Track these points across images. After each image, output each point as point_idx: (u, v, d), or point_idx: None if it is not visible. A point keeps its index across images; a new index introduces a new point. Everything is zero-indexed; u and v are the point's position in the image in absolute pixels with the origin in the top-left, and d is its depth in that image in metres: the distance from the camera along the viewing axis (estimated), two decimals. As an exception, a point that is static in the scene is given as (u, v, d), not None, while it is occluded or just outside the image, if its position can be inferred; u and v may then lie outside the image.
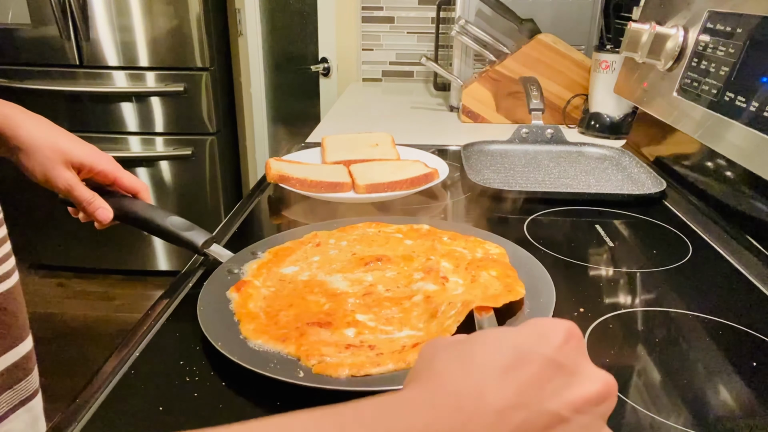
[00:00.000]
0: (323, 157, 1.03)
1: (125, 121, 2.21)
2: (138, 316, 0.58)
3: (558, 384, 0.28)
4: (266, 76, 2.43)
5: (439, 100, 1.75)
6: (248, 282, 0.59)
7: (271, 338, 0.50)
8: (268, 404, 0.45)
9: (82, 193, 0.61)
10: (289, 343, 0.49)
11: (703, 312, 0.59)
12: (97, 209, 0.62)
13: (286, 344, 0.49)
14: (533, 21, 1.44)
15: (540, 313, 0.54)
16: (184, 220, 0.65)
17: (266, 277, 0.61)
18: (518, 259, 0.65)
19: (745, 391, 0.48)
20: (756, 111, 0.72)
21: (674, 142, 1.02)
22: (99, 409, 0.45)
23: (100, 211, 0.62)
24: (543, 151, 1.10)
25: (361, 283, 0.59)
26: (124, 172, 0.66)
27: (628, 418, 0.45)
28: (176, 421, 0.44)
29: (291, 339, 0.50)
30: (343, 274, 0.61)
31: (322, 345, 0.49)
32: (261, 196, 0.92)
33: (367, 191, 0.87)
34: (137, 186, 0.66)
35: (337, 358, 0.47)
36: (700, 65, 0.87)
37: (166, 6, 2.07)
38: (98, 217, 0.62)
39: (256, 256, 0.65)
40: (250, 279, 0.60)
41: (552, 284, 0.58)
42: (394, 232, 0.71)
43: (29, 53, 2.13)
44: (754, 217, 0.77)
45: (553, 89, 1.39)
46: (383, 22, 2.11)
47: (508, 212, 0.87)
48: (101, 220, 0.62)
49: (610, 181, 0.97)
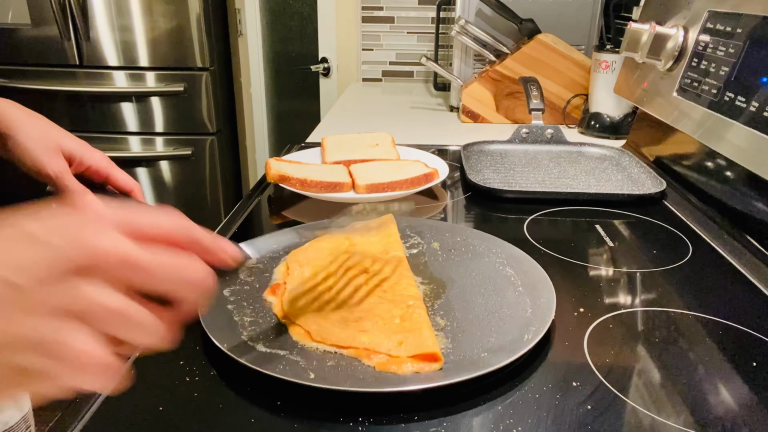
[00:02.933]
0: (323, 157, 1.03)
1: (125, 121, 2.21)
2: (138, 316, 0.58)
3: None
4: (266, 76, 2.43)
5: (439, 100, 1.75)
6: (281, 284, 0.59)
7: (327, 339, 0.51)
8: (269, 404, 0.45)
9: (72, 183, 0.60)
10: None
11: (703, 312, 0.59)
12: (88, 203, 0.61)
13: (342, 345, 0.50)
14: (533, 21, 1.44)
15: (541, 314, 0.54)
16: None
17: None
18: (516, 260, 0.65)
19: (745, 391, 0.48)
20: (756, 111, 0.72)
21: (674, 142, 1.02)
22: (99, 408, 0.45)
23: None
24: (543, 151, 1.10)
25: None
26: (118, 169, 0.65)
27: (628, 418, 0.45)
28: (176, 421, 0.44)
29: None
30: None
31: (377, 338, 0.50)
32: (261, 196, 0.92)
33: (367, 191, 0.87)
34: (130, 184, 0.65)
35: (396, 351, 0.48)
36: (700, 65, 0.87)
37: (166, 6, 2.07)
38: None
39: (252, 257, 0.65)
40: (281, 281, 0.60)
41: (551, 284, 0.58)
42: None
43: (29, 53, 2.13)
44: (754, 217, 0.77)
45: (553, 89, 1.39)
46: (383, 22, 2.11)
47: (507, 212, 0.87)
48: None
49: (610, 181, 0.97)
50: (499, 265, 0.65)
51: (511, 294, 0.59)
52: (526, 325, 0.53)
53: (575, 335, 0.55)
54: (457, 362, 0.48)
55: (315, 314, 0.54)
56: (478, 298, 0.59)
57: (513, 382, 0.48)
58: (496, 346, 0.50)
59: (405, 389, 0.45)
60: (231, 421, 0.44)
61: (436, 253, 0.68)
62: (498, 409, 0.45)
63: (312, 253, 0.65)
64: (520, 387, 0.48)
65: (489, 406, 0.46)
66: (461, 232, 0.73)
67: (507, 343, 0.50)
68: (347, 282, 0.59)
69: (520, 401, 0.46)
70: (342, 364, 0.48)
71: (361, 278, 0.60)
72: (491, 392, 0.47)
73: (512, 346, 0.50)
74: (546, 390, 0.47)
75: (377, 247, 0.67)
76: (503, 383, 0.48)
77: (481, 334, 0.53)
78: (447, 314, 0.56)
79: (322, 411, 0.45)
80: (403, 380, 0.46)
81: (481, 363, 0.47)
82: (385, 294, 0.57)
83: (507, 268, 0.64)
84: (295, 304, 0.56)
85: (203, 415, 0.44)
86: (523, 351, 0.48)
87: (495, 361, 0.47)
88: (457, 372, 0.46)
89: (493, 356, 0.48)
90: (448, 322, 0.55)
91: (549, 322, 0.52)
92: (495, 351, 0.49)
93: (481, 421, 0.44)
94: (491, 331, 0.53)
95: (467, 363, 0.48)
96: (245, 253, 0.40)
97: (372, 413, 0.44)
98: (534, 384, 0.48)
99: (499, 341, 0.51)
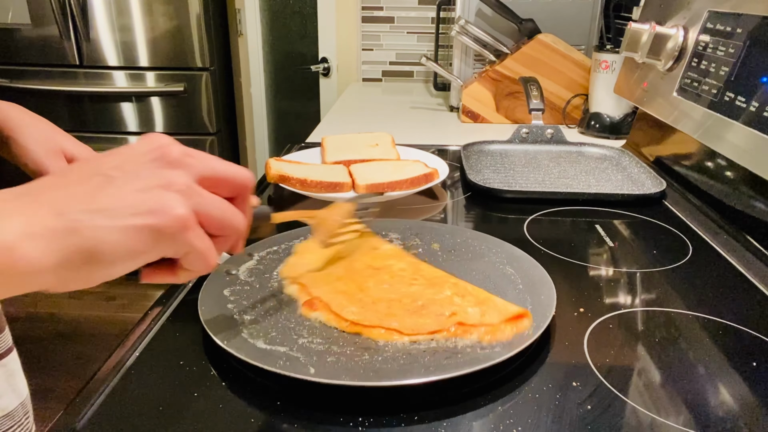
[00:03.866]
0: (323, 157, 1.03)
1: (125, 121, 2.21)
2: (138, 316, 0.58)
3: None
4: (266, 76, 2.43)
5: (439, 100, 1.75)
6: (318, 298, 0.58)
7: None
8: (269, 404, 0.45)
9: None
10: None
11: (703, 312, 0.59)
12: None
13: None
14: (533, 21, 1.44)
15: (542, 310, 0.54)
16: None
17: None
18: (516, 259, 0.65)
19: (745, 391, 0.48)
20: (756, 111, 0.72)
21: (674, 142, 1.02)
22: (99, 408, 0.45)
23: None
24: (543, 151, 1.10)
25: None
26: None
27: (628, 418, 0.45)
28: (176, 421, 0.44)
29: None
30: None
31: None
32: (261, 196, 0.92)
33: (367, 191, 0.87)
34: None
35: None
36: (700, 65, 0.87)
37: (166, 6, 2.07)
38: None
39: (252, 258, 0.66)
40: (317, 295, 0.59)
41: (551, 281, 0.58)
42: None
43: (29, 53, 2.13)
44: (754, 217, 0.77)
45: (553, 89, 1.39)
46: (383, 22, 2.11)
47: (507, 212, 0.87)
48: None
49: (610, 181, 0.97)
50: (499, 264, 0.65)
51: (512, 292, 0.59)
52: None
53: (575, 335, 0.55)
54: (458, 358, 0.48)
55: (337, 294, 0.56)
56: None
57: (513, 382, 0.48)
58: (497, 342, 0.50)
59: (407, 383, 0.45)
60: (231, 420, 0.44)
61: (437, 254, 0.68)
62: (498, 409, 0.45)
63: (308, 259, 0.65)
64: (520, 387, 0.48)
65: (489, 407, 0.46)
66: (461, 233, 0.73)
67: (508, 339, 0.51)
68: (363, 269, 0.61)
69: (520, 401, 0.46)
70: (342, 360, 0.48)
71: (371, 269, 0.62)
72: (491, 392, 0.47)
73: (513, 341, 0.50)
74: (546, 390, 0.47)
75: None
76: (503, 383, 0.48)
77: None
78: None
79: (323, 411, 0.45)
80: (404, 374, 0.46)
81: (482, 357, 0.47)
82: (394, 279, 0.59)
83: (507, 267, 0.64)
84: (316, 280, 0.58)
85: (203, 415, 0.44)
86: (524, 345, 0.49)
87: (496, 356, 0.47)
88: (457, 367, 0.46)
89: (492, 352, 0.48)
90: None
91: (550, 317, 0.52)
92: (496, 347, 0.49)
93: (481, 421, 0.44)
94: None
95: (469, 359, 0.48)
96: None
97: (372, 413, 0.44)
98: (534, 384, 0.48)
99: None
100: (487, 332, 0.50)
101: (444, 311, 0.54)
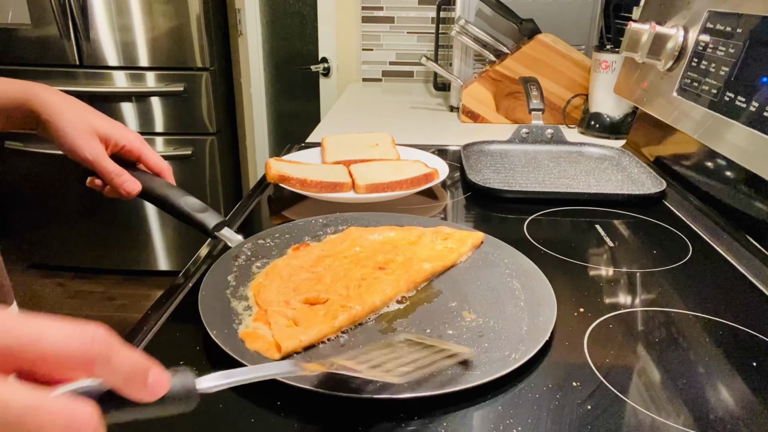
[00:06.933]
0: (323, 157, 1.03)
1: (125, 121, 2.21)
2: (138, 316, 0.58)
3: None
4: (266, 76, 2.43)
5: (439, 100, 1.75)
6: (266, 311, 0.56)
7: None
8: (269, 404, 0.45)
9: (108, 165, 0.62)
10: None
11: (703, 312, 0.59)
12: (125, 182, 0.63)
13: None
14: (533, 21, 1.44)
15: (535, 338, 0.52)
16: (199, 201, 0.66)
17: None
18: (524, 273, 0.63)
19: (745, 391, 0.48)
20: (756, 111, 0.72)
21: (674, 142, 1.02)
22: (99, 409, 0.45)
23: (128, 183, 0.63)
24: (543, 151, 1.10)
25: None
26: (150, 150, 0.67)
27: (628, 418, 0.45)
28: (176, 420, 0.44)
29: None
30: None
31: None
32: (261, 196, 0.92)
33: (367, 191, 0.87)
34: (161, 165, 0.67)
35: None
36: (700, 65, 0.87)
37: (166, 6, 2.07)
38: (127, 188, 0.63)
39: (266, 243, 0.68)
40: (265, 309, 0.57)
41: (555, 305, 0.56)
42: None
43: (29, 53, 2.13)
44: (754, 217, 0.77)
45: (553, 89, 1.39)
46: (383, 22, 2.11)
47: (507, 212, 0.87)
48: (129, 191, 0.63)
49: (610, 181, 0.97)
50: (507, 276, 0.63)
51: (511, 309, 0.57)
52: (516, 343, 0.51)
53: (575, 335, 0.55)
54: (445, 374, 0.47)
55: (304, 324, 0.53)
56: (477, 308, 0.57)
57: (513, 382, 0.48)
58: (483, 360, 0.49)
59: (401, 397, 0.44)
60: (231, 421, 0.44)
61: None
62: (498, 409, 0.45)
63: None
64: (520, 387, 0.48)
65: (489, 406, 0.46)
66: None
67: (494, 359, 0.49)
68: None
69: (520, 401, 0.46)
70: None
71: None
72: (491, 392, 0.47)
73: (498, 363, 0.48)
74: (546, 390, 0.47)
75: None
76: (503, 383, 0.48)
77: (473, 346, 0.51)
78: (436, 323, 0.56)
79: (322, 410, 0.45)
80: (400, 389, 0.45)
81: (468, 376, 0.47)
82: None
83: (514, 281, 0.62)
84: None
85: (203, 415, 0.44)
86: (507, 370, 0.47)
87: (473, 379, 0.46)
88: (440, 385, 0.45)
89: (476, 371, 0.47)
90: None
91: (542, 342, 0.50)
92: (481, 365, 0.48)
93: (481, 421, 0.44)
94: (482, 348, 0.51)
95: (454, 375, 0.47)
96: (178, 385, 0.32)
97: (372, 413, 0.44)
98: (534, 384, 0.48)
99: (488, 357, 0.50)
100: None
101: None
